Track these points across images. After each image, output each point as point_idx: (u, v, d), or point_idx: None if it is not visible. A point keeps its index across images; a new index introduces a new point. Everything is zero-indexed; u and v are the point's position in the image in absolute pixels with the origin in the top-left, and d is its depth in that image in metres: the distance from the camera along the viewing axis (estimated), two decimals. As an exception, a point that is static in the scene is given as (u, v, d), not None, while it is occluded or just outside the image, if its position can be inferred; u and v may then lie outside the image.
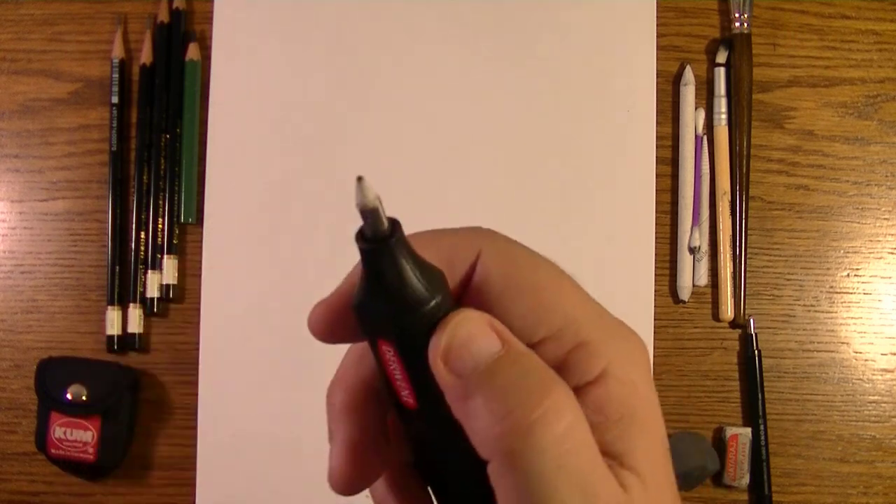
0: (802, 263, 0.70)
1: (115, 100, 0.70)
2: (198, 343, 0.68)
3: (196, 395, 0.68)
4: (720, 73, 0.70)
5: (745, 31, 0.70)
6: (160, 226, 0.69)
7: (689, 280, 0.69)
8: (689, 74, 0.70)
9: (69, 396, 0.65)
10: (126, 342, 0.68)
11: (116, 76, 0.70)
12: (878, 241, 0.70)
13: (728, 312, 0.68)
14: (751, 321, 0.68)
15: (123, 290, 0.69)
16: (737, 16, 0.70)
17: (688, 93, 0.70)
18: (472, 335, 0.23)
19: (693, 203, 0.69)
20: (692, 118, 0.70)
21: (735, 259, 0.69)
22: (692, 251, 0.69)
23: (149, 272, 0.69)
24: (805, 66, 0.71)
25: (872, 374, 0.69)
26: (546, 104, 0.71)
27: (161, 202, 0.69)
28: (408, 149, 0.70)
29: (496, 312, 0.24)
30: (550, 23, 0.71)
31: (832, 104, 0.71)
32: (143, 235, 0.69)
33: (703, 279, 0.69)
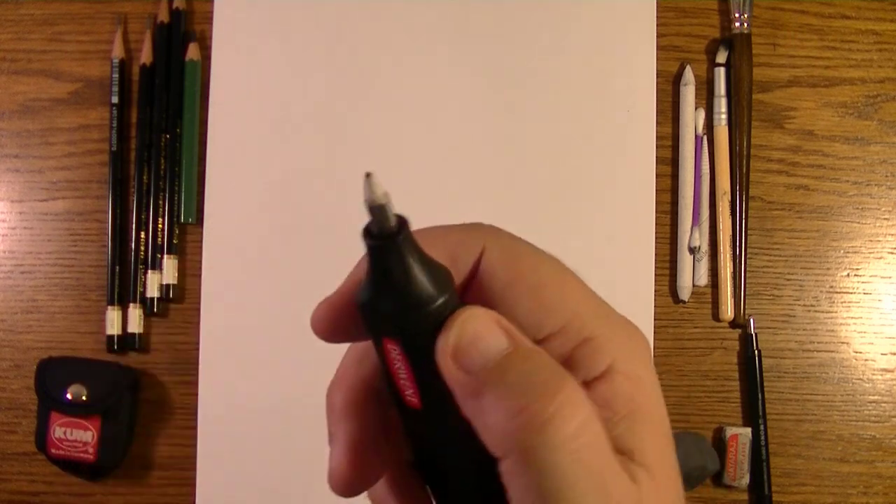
0: (802, 263, 0.70)
1: (115, 100, 0.70)
2: (198, 343, 0.68)
3: (196, 395, 0.68)
4: (720, 73, 0.70)
5: (745, 31, 0.70)
6: (160, 226, 0.69)
7: (689, 280, 0.69)
8: (689, 74, 0.70)
9: (69, 396, 0.65)
10: (126, 342, 0.68)
11: (116, 76, 0.70)
12: (878, 241, 0.70)
13: (728, 312, 0.68)
14: (751, 321, 0.68)
15: (123, 290, 0.69)
16: (737, 16, 0.70)
17: (688, 93, 0.70)
18: (481, 332, 0.23)
19: (693, 203, 0.69)
20: (692, 118, 0.70)
21: (735, 259, 0.69)
22: (692, 251, 0.69)
23: (149, 272, 0.69)
24: (805, 66, 0.71)
25: (872, 374, 0.69)
26: (546, 104, 0.71)
27: (161, 202, 0.69)
28: (407, 149, 0.70)
29: (501, 309, 0.24)
30: (550, 23, 0.71)
31: (832, 104, 0.71)
32: (143, 235, 0.69)
33: (703, 279, 0.69)
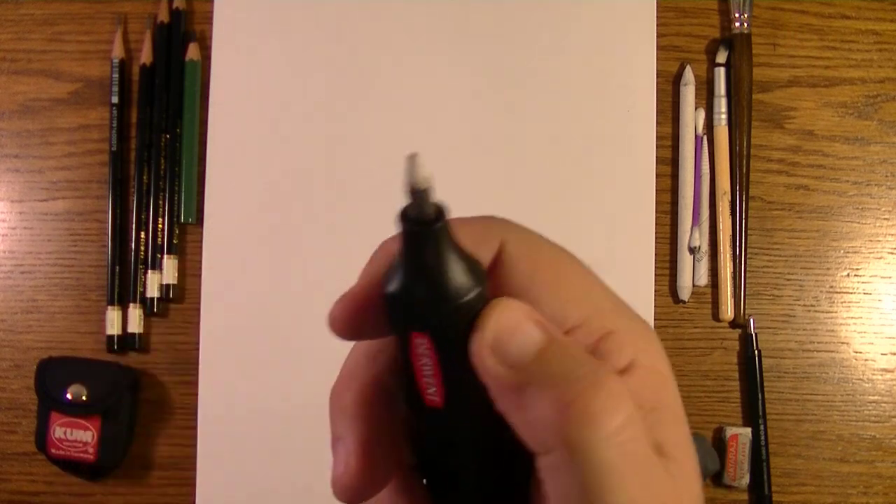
0: (802, 263, 0.70)
1: (115, 100, 0.70)
2: (198, 343, 0.68)
3: (196, 395, 0.68)
4: (720, 73, 0.70)
5: (745, 31, 0.70)
6: (160, 226, 0.69)
7: (689, 280, 0.69)
8: (689, 74, 0.70)
9: (69, 396, 0.64)
10: (126, 342, 0.68)
11: (116, 76, 0.70)
12: (878, 241, 0.70)
13: (728, 312, 0.68)
14: (751, 321, 0.68)
15: (123, 290, 0.69)
16: (737, 16, 0.70)
17: (688, 93, 0.70)
18: (519, 324, 0.22)
19: (693, 203, 0.69)
20: (692, 118, 0.70)
21: (735, 259, 0.69)
22: (692, 251, 0.69)
23: (149, 272, 0.69)
24: (805, 66, 0.71)
25: (872, 374, 0.69)
26: (546, 104, 0.71)
27: (161, 202, 0.69)
28: (407, 148, 0.70)
29: (523, 302, 0.23)
30: (550, 23, 0.71)
31: (832, 104, 0.71)
32: (143, 235, 0.69)
33: (703, 279, 0.69)
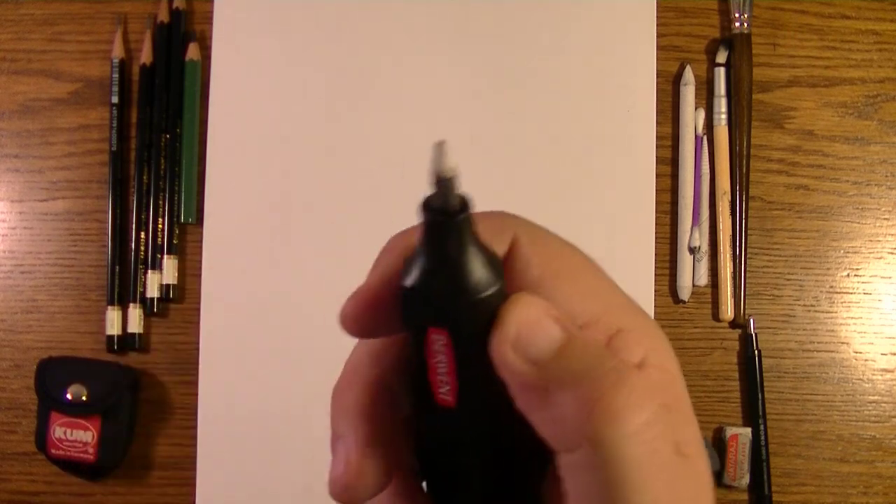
0: (802, 263, 0.70)
1: (115, 100, 0.70)
2: (198, 343, 0.68)
3: (196, 395, 0.68)
4: (720, 73, 0.70)
5: (745, 31, 0.70)
6: (160, 226, 0.69)
7: (689, 280, 0.69)
8: (689, 74, 0.70)
9: (69, 396, 0.64)
10: (126, 342, 0.68)
11: (116, 76, 0.70)
12: (878, 241, 0.70)
13: (728, 312, 0.68)
14: (751, 321, 0.68)
15: (123, 290, 0.69)
16: (737, 16, 0.70)
17: (688, 93, 0.70)
18: (540, 320, 0.21)
19: (693, 203, 0.69)
20: (692, 118, 0.70)
21: (735, 259, 0.69)
22: (692, 251, 0.69)
23: (149, 272, 0.69)
24: (805, 66, 0.71)
25: (872, 374, 0.69)
26: (546, 104, 0.71)
27: (161, 202, 0.69)
28: (407, 149, 0.70)
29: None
30: (550, 23, 0.71)
31: (832, 104, 0.71)
32: (143, 235, 0.69)
33: (703, 279, 0.69)
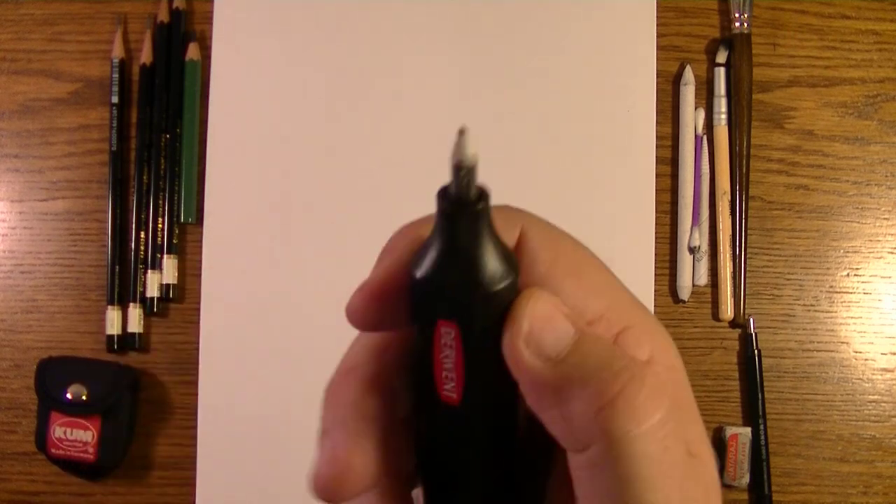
0: (802, 263, 0.70)
1: (115, 100, 0.70)
2: (198, 343, 0.68)
3: (196, 395, 0.68)
4: (720, 73, 0.70)
5: (745, 31, 0.70)
6: (160, 226, 0.69)
7: (689, 280, 0.69)
8: (689, 74, 0.70)
9: (69, 396, 0.64)
10: (126, 342, 0.68)
11: (116, 76, 0.70)
12: (878, 241, 0.70)
13: (728, 312, 0.68)
14: (751, 321, 0.68)
15: (123, 290, 0.69)
16: (737, 16, 0.70)
17: (688, 93, 0.70)
18: (553, 316, 0.21)
19: (693, 203, 0.69)
20: (692, 118, 0.70)
21: (735, 259, 0.69)
22: (692, 251, 0.69)
23: (149, 272, 0.69)
24: (805, 66, 0.71)
25: (872, 374, 0.69)
26: (546, 104, 0.71)
27: (161, 202, 0.69)
28: (408, 148, 0.70)
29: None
30: (550, 22, 0.71)
31: (832, 104, 0.71)
32: (143, 235, 0.69)
33: (703, 279, 0.69)
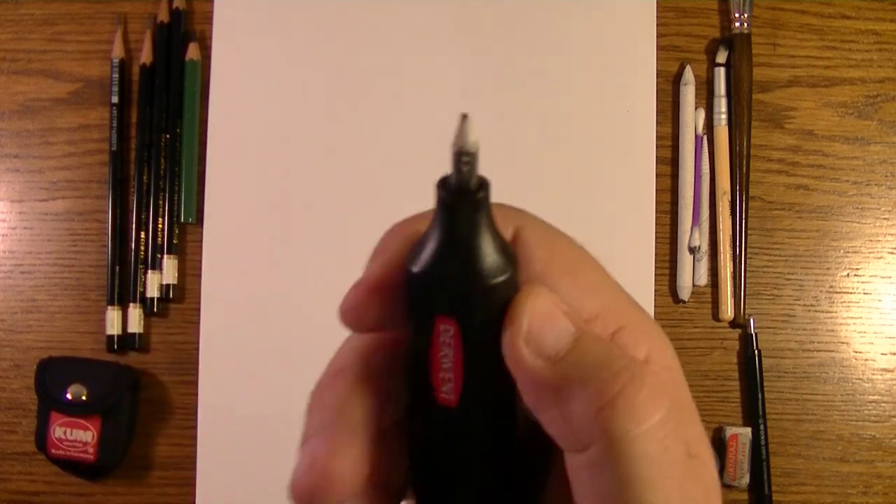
0: (802, 263, 0.70)
1: (115, 100, 0.70)
2: (198, 343, 0.68)
3: (196, 395, 0.68)
4: (720, 73, 0.70)
5: (745, 31, 0.70)
6: (160, 226, 0.69)
7: (689, 280, 0.69)
8: (689, 74, 0.70)
9: (69, 396, 0.65)
10: (126, 342, 0.68)
11: (116, 76, 0.70)
12: (878, 241, 0.70)
13: (728, 312, 0.68)
14: (751, 321, 0.68)
15: (123, 290, 0.69)
16: (737, 16, 0.70)
17: (688, 93, 0.70)
18: (553, 314, 0.21)
19: (693, 203, 0.69)
20: (692, 118, 0.70)
21: (735, 259, 0.69)
22: (692, 251, 0.69)
23: (149, 272, 0.69)
24: (805, 66, 0.71)
25: (872, 374, 0.69)
26: (546, 104, 0.71)
27: (161, 202, 0.69)
28: (408, 148, 0.70)
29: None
30: (550, 22, 0.71)
31: (832, 104, 0.71)
32: (143, 235, 0.69)
33: (703, 279, 0.69)
